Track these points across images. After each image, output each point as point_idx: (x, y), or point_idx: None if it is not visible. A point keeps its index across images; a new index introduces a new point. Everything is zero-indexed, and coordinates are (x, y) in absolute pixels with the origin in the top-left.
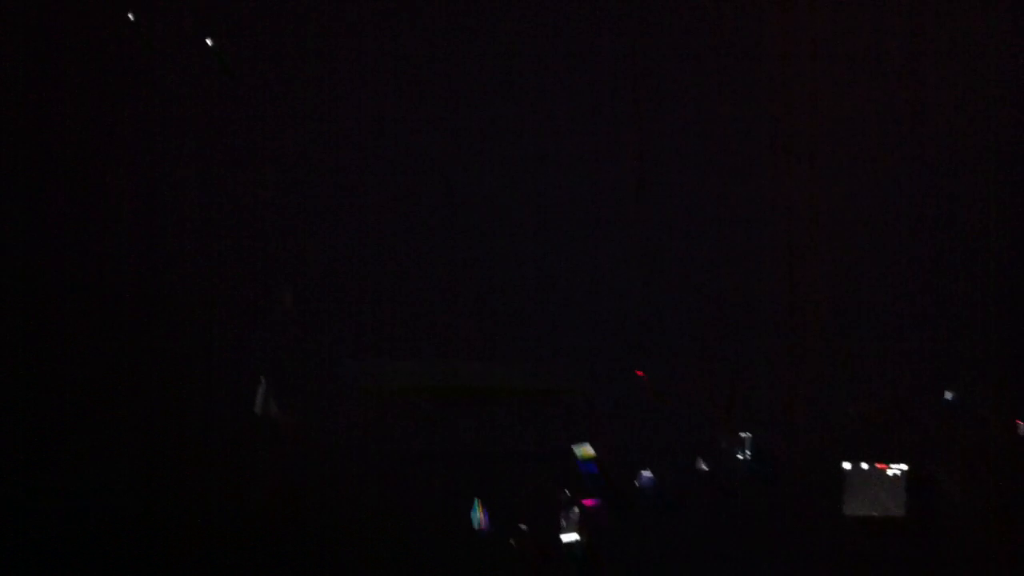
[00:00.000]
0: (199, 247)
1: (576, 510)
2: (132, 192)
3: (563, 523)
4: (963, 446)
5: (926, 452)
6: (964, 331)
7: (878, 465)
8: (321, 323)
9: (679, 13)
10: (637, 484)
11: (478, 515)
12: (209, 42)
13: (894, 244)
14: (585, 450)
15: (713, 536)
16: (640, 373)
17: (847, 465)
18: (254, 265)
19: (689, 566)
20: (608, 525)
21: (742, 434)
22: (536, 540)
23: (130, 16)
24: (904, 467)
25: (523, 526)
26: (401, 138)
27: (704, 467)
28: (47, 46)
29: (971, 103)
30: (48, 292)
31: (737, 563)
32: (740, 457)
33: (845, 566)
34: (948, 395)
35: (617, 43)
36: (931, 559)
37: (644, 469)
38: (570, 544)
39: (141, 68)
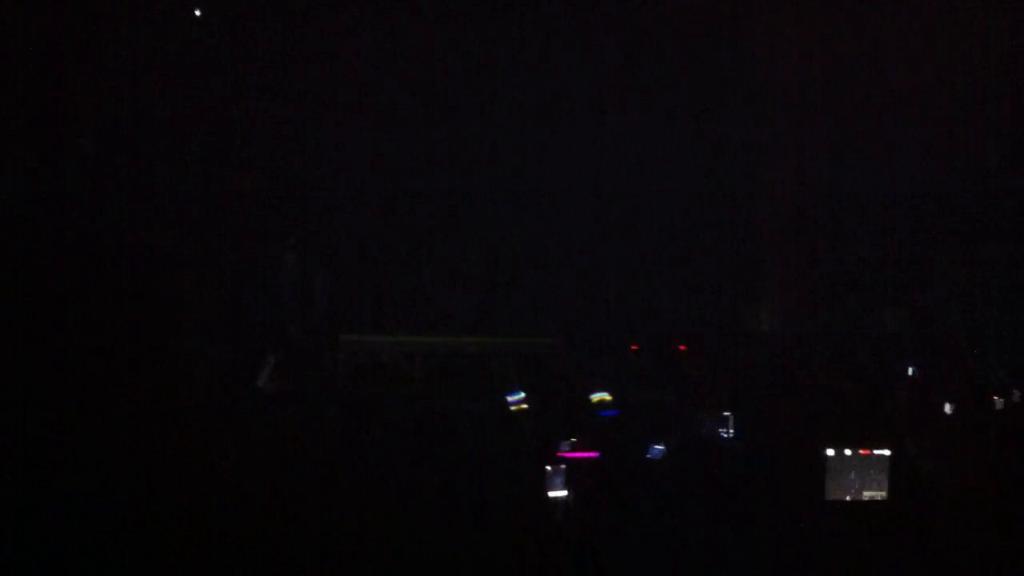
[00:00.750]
0: (199, 243)
1: (563, 467)
2: (131, 188)
3: (551, 479)
4: (935, 422)
5: (902, 431)
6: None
7: (861, 451)
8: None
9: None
10: (648, 456)
11: None
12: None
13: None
14: (601, 396)
15: (708, 530)
16: (635, 348)
17: (830, 451)
18: (256, 260)
19: (685, 561)
20: (608, 523)
21: (725, 413)
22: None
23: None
24: (887, 452)
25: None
26: (401, 130)
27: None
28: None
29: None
30: (47, 290)
31: (731, 558)
32: (724, 435)
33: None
34: (911, 370)
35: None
36: (917, 542)
37: (656, 443)
38: (556, 500)
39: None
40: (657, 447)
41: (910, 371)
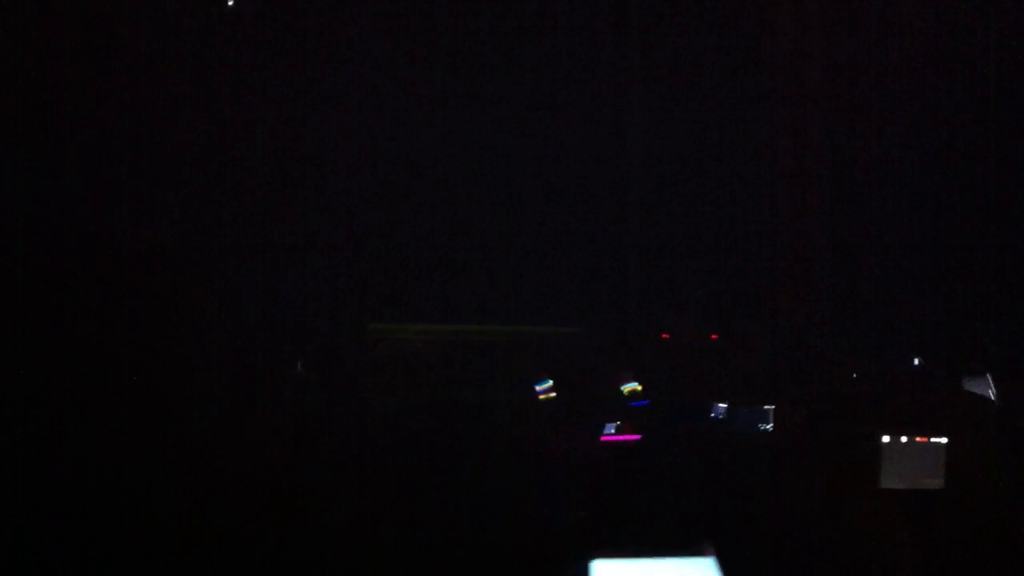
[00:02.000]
0: (205, 239)
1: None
2: (130, 186)
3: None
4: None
5: (957, 421)
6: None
7: (917, 439)
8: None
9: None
10: (712, 415)
11: None
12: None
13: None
14: (632, 388)
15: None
16: (665, 336)
17: (886, 438)
18: (267, 253)
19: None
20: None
21: (767, 407)
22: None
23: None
24: (944, 440)
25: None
26: (424, 120)
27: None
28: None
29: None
30: (47, 290)
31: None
32: (762, 428)
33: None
34: (916, 361)
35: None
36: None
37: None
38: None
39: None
40: (720, 405)
41: (917, 361)
